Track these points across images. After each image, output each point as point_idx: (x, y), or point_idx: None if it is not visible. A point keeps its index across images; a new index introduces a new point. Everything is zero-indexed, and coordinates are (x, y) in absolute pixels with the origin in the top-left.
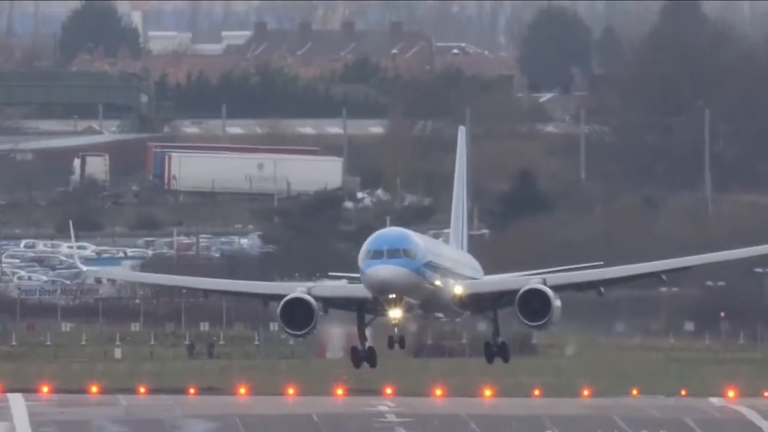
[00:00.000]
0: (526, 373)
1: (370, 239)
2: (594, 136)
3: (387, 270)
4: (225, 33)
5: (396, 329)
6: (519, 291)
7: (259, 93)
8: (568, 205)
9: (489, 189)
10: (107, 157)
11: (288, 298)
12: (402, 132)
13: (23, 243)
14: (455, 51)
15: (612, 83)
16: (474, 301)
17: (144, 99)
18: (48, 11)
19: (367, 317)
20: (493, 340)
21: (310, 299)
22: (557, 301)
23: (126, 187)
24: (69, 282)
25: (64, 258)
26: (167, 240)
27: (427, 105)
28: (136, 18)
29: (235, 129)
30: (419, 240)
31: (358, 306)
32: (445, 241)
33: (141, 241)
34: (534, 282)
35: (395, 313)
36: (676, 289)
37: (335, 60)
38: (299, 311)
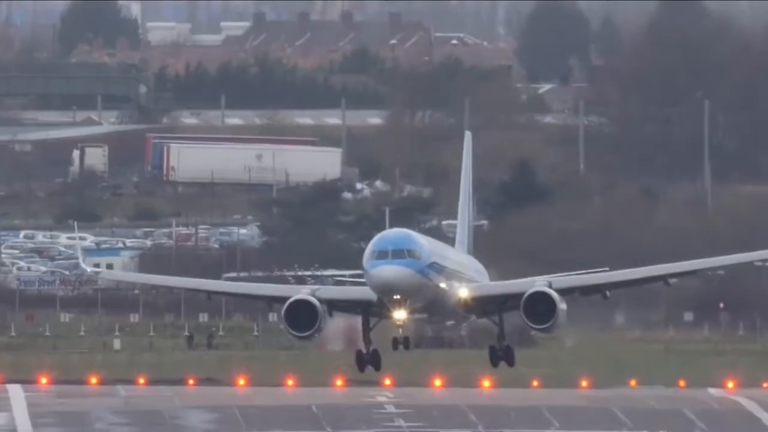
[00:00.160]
0: (525, 365)
1: (374, 240)
2: (593, 126)
3: (391, 270)
4: (224, 24)
5: (400, 330)
6: (524, 294)
7: (258, 84)
8: (567, 196)
9: (488, 179)
10: (106, 148)
11: (292, 299)
12: (401, 123)
13: (22, 234)
14: (454, 42)
15: (611, 74)
16: (479, 305)
17: (143, 90)
18: (47, 2)
19: (372, 320)
20: (498, 343)
21: (314, 301)
22: (562, 305)
23: (125, 178)
24: (68, 273)
25: (63, 249)
26: (166, 231)
27: (426, 96)
28: (135, 9)
29: (234, 120)
30: (424, 241)
31: (362, 309)
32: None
33: (140, 232)
34: (539, 285)
35: (400, 315)
36: (675, 280)
37: (334, 51)
38: (303, 313)
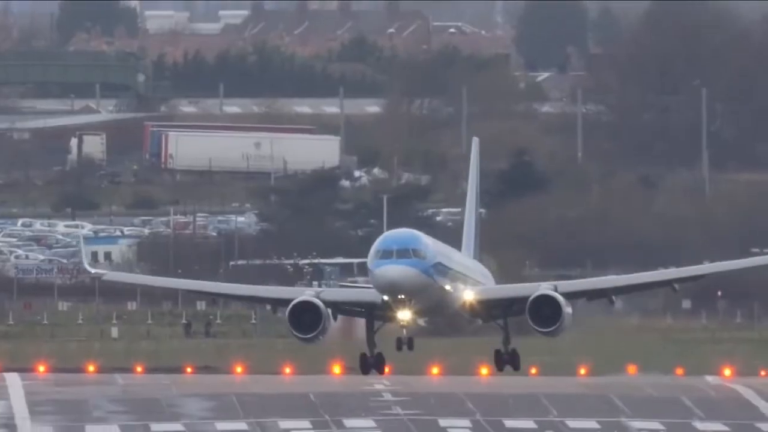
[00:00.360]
0: (522, 352)
1: (379, 240)
2: (591, 115)
3: (396, 270)
4: (222, 12)
5: (404, 331)
6: (530, 297)
7: (256, 72)
8: (565, 184)
9: (486, 168)
10: (104, 137)
11: (296, 301)
12: (399, 111)
13: (20, 222)
14: (452, 30)
15: (609, 62)
16: (484, 308)
17: (141, 78)
18: None
19: (376, 324)
20: (504, 347)
21: (318, 303)
22: (568, 308)
23: (123, 166)
24: (66, 261)
25: (61, 237)
26: (164, 219)
27: (424, 84)
28: None
29: (232, 108)
30: (429, 241)
31: (367, 311)
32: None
33: (138, 220)
34: (545, 288)
35: (404, 316)
36: (673, 269)
37: (332, 39)
38: (308, 315)
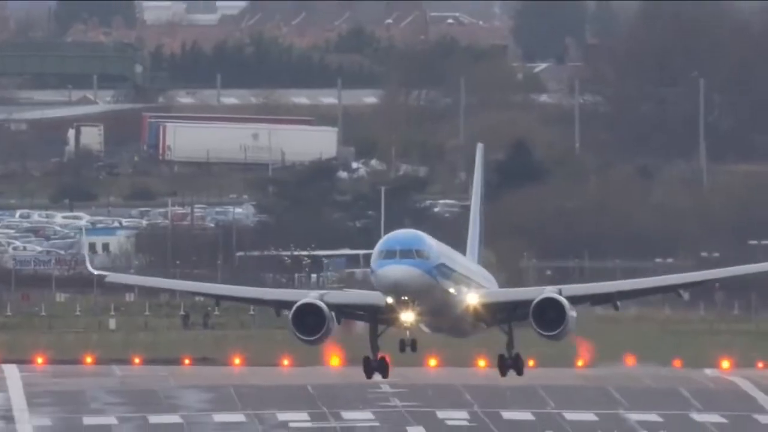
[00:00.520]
0: (520, 344)
1: (382, 240)
2: (588, 106)
3: (400, 270)
4: (219, 3)
5: (408, 332)
6: (534, 300)
7: (254, 63)
8: (562, 175)
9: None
10: (102, 128)
11: (300, 303)
12: (396, 102)
13: (18, 213)
14: (450, 21)
15: (606, 53)
16: (488, 312)
17: (139, 69)
18: None
19: (380, 328)
20: (508, 352)
21: (322, 305)
22: (572, 312)
23: (121, 158)
24: (64, 252)
25: (58, 228)
26: (162, 210)
27: (422, 75)
28: None
29: (230, 99)
30: (432, 242)
31: (370, 315)
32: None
33: (135, 212)
34: (549, 291)
35: (408, 317)
36: (671, 260)
37: (330, 30)
38: (311, 317)
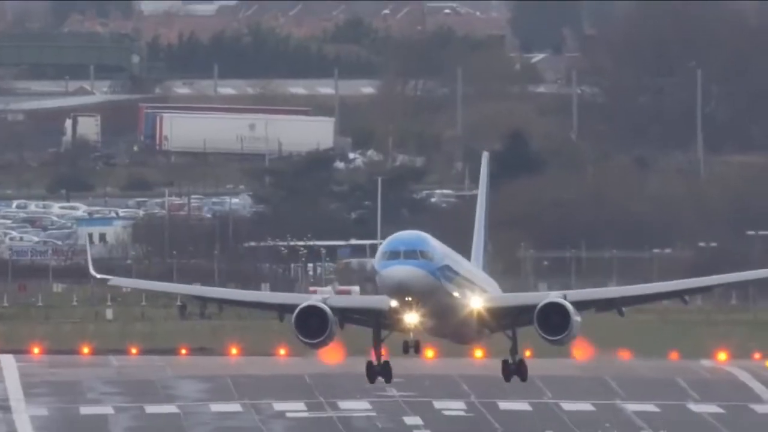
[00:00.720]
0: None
1: (386, 241)
2: (586, 96)
3: (404, 270)
4: None
5: (411, 334)
6: (538, 305)
7: (251, 53)
8: (559, 166)
9: (480, 149)
10: (99, 118)
11: (303, 305)
12: (393, 92)
13: (15, 204)
14: (447, 11)
15: (604, 44)
16: (492, 317)
17: (135, 60)
18: None
19: (383, 333)
20: (512, 357)
21: (325, 307)
22: (577, 317)
23: (117, 148)
24: (60, 243)
25: (55, 219)
26: (159, 200)
27: (419, 65)
28: None
29: (227, 89)
30: (436, 244)
31: (374, 319)
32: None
33: (132, 202)
34: (554, 296)
35: (411, 319)
36: (668, 250)
37: (327, 20)
38: (314, 320)
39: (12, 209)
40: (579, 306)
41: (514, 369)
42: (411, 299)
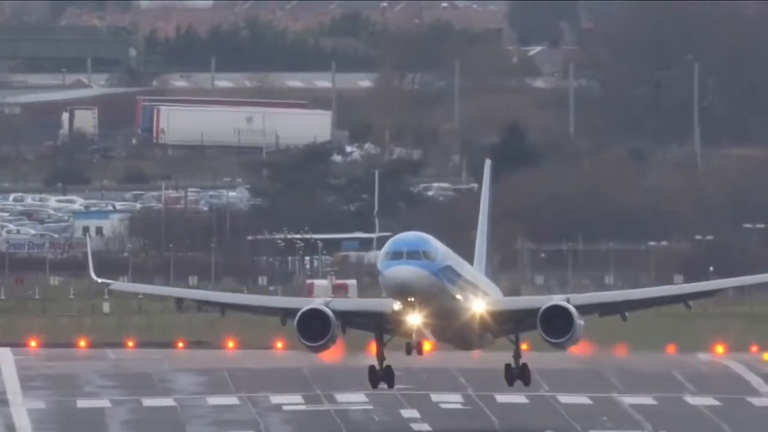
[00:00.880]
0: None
1: (389, 242)
2: (583, 89)
3: (406, 270)
4: None
5: (414, 335)
6: (541, 308)
7: (248, 47)
8: (556, 159)
9: (478, 142)
10: (96, 111)
11: (305, 308)
12: (391, 85)
13: (12, 197)
14: (444, 4)
15: (601, 37)
16: (495, 321)
17: (133, 53)
18: None
19: (386, 337)
20: (515, 362)
21: (327, 310)
22: (580, 320)
23: (114, 141)
24: (57, 236)
25: (52, 212)
26: (156, 194)
27: (416, 58)
28: None
29: (224, 82)
30: (439, 245)
31: (376, 323)
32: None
33: (129, 195)
34: (557, 299)
35: (414, 320)
36: (665, 243)
37: (324, 13)
38: (316, 323)
39: (9, 202)
40: (582, 310)
41: (517, 373)
42: (413, 300)
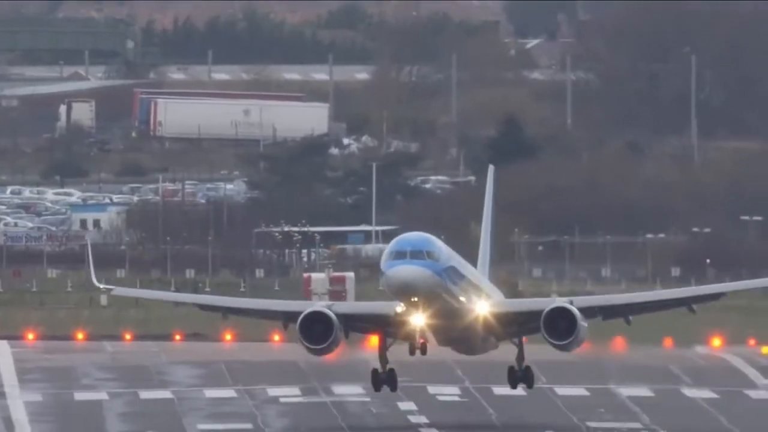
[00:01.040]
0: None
1: (392, 242)
2: (580, 82)
3: (410, 270)
4: None
5: (417, 336)
6: (545, 310)
7: (246, 39)
8: (554, 151)
9: (475, 135)
10: (93, 104)
11: (307, 311)
12: (388, 78)
13: (9, 189)
14: None
15: (598, 30)
16: (499, 323)
17: (130, 45)
18: None
19: (389, 340)
20: (518, 364)
21: (329, 313)
22: (584, 322)
23: (112, 134)
24: (55, 228)
25: (50, 204)
26: (153, 186)
27: (414, 51)
28: None
29: (221, 75)
30: (442, 246)
31: (379, 326)
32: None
33: (127, 188)
34: (560, 301)
35: (417, 321)
36: (662, 236)
37: (321, 6)
38: (319, 325)
39: (6, 195)
40: (585, 313)
41: (520, 376)
42: (416, 300)
